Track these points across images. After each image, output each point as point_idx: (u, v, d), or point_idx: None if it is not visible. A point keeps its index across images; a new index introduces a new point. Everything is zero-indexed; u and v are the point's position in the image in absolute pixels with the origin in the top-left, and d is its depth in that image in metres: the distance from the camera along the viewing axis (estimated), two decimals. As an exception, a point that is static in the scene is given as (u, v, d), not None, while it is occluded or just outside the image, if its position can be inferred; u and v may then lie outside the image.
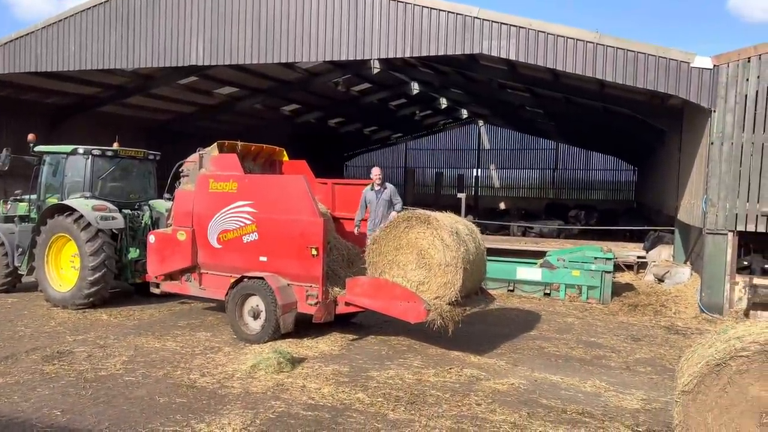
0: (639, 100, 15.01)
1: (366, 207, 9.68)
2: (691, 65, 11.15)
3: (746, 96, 10.95)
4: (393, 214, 9.23)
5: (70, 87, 19.30)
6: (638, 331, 10.11)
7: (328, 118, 30.25)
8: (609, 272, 12.44)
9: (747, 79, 10.92)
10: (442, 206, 9.80)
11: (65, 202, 10.58)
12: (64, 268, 10.72)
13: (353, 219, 9.89)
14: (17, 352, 7.82)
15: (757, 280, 11.15)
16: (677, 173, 15.14)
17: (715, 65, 11.06)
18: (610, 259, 12.56)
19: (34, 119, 18.91)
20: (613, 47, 11.53)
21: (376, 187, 9.59)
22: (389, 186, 9.72)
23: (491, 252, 12.14)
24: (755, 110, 10.92)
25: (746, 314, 10.94)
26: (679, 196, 14.83)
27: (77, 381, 6.79)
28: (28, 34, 16.20)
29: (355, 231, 9.77)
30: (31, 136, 11.35)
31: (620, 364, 8.17)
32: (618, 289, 12.98)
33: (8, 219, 11.93)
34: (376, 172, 9.62)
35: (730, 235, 11.20)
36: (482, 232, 9.98)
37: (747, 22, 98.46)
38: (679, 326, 10.60)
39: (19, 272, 11.41)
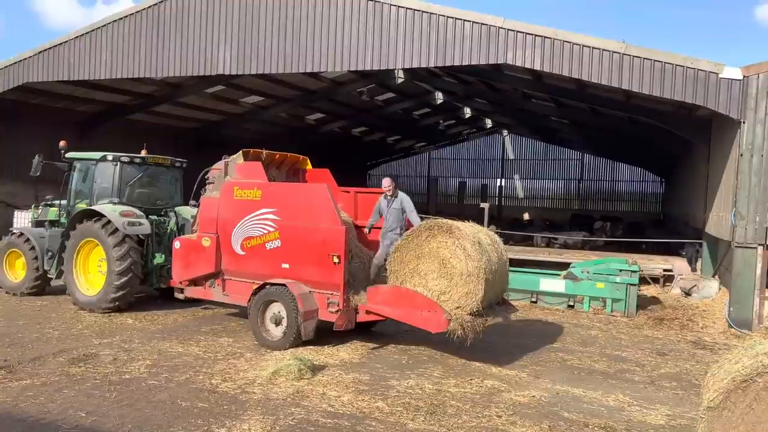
0: (666, 111, 14.81)
1: (380, 215, 9.68)
2: (720, 76, 10.98)
3: (777, 107, 10.73)
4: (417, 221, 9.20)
5: (101, 95, 19.73)
6: (664, 346, 9.93)
7: (351, 127, 30.43)
8: (634, 285, 12.25)
9: (778, 91, 10.71)
10: (465, 216, 9.76)
11: (94, 207, 10.80)
12: (92, 272, 10.93)
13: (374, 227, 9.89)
14: (45, 353, 7.99)
15: (788, 296, 10.88)
16: (705, 185, 14.87)
17: (744, 76, 10.86)
18: (635, 271, 12.38)
19: (65, 126, 19.36)
20: (640, 57, 11.40)
21: (388, 196, 9.62)
22: (401, 195, 9.69)
23: (514, 263, 12.08)
24: (786, 122, 10.69)
25: (776, 330, 10.67)
26: (707, 208, 14.56)
27: (102, 383, 6.91)
28: (61, 43, 16.62)
29: (365, 231, 9.77)
30: (62, 143, 11.64)
31: (645, 378, 8.03)
32: (643, 302, 12.77)
33: (39, 223, 12.22)
34: (386, 183, 9.61)
35: (760, 249, 10.95)
36: (506, 243, 9.93)
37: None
38: (707, 341, 10.39)
39: (49, 276, 11.67)
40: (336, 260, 8.38)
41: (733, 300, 11.22)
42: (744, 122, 10.91)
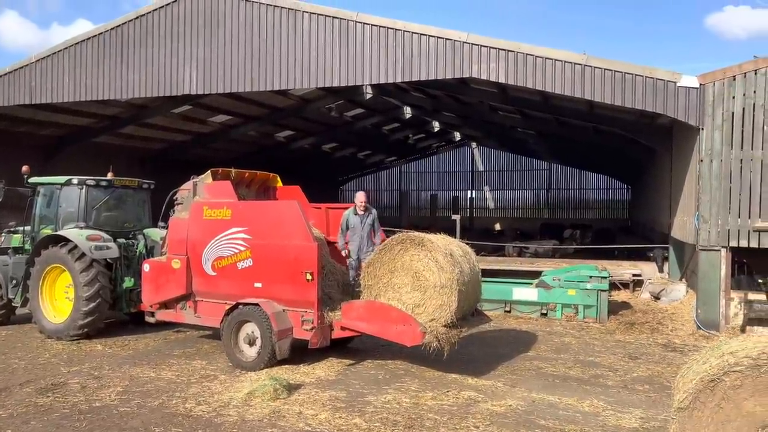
0: (628, 120, 15.20)
1: (347, 230, 9.57)
2: (678, 84, 11.32)
3: (733, 113, 11.09)
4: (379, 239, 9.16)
5: (64, 118, 19.42)
6: (635, 350, 10.09)
7: (321, 144, 30.45)
8: (605, 291, 12.44)
9: (733, 97, 11.08)
10: (438, 228, 9.81)
11: (59, 232, 10.57)
12: (59, 299, 10.66)
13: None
14: (11, 385, 7.74)
15: (752, 296, 11.17)
16: (669, 191, 15.25)
17: (701, 84, 11.22)
18: (605, 277, 12.58)
19: (28, 151, 18.94)
20: (601, 68, 11.70)
21: (360, 212, 9.52)
22: (374, 211, 9.68)
23: (487, 273, 12.17)
24: (742, 127, 11.06)
25: (743, 330, 10.94)
26: (672, 213, 14.91)
27: (71, 413, 6.73)
28: (22, 67, 16.35)
29: (344, 252, 9.63)
30: (25, 168, 11.38)
31: (618, 382, 8.15)
32: (614, 308, 12.97)
33: (2, 251, 11.87)
34: (361, 198, 9.56)
35: (724, 251, 11.25)
36: (478, 253, 9.99)
37: (726, 39, 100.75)
38: (677, 343, 10.59)
39: (13, 304, 11.34)
40: (309, 277, 8.33)
41: (700, 302, 11.49)
42: (703, 129, 11.25)
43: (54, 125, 19.82)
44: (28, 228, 11.56)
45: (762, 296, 11.22)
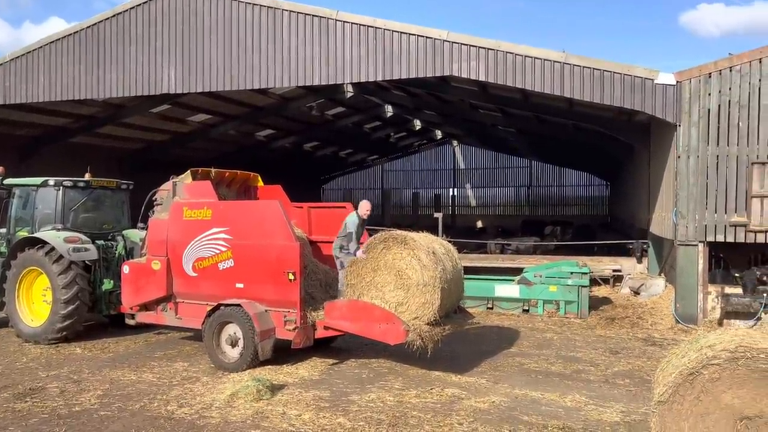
0: (607, 117, 15.36)
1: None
2: (656, 82, 11.47)
3: (709, 110, 11.27)
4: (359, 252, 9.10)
5: (40, 118, 19.08)
6: (616, 344, 10.21)
7: (303, 143, 30.32)
8: (585, 286, 12.57)
9: (709, 94, 11.26)
10: (420, 226, 9.81)
11: (36, 234, 10.40)
12: (36, 302, 10.49)
13: (330, 242, 9.79)
14: (-13, 390, 7.61)
15: (729, 289, 11.37)
16: (648, 187, 15.44)
17: (678, 81, 11.38)
18: (586, 273, 12.71)
19: (2, 152, 18.57)
20: (580, 66, 11.81)
21: (364, 218, 9.44)
22: None
23: (469, 270, 12.21)
24: (718, 124, 11.24)
25: (720, 323, 11.12)
26: (650, 209, 15.10)
27: (50, 418, 6.62)
28: (-5, 66, 16.04)
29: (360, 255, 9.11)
30: (-1, 170, 11.19)
31: (599, 377, 8.24)
32: (595, 303, 13.12)
33: (-23, 254, 11.66)
34: (369, 206, 9.46)
35: (701, 246, 11.43)
36: (460, 251, 10.02)
37: (701, 37, 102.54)
38: (656, 338, 10.74)
39: (-11, 308, 11.13)
40: (291, 277, 8.29)
41: (679, 296, 11.66)
42: (680, 125, 11.41)
43: (29, 125, 19.47)
44: (3, 230, 11.36)
45: (738, 290, 11.42)
